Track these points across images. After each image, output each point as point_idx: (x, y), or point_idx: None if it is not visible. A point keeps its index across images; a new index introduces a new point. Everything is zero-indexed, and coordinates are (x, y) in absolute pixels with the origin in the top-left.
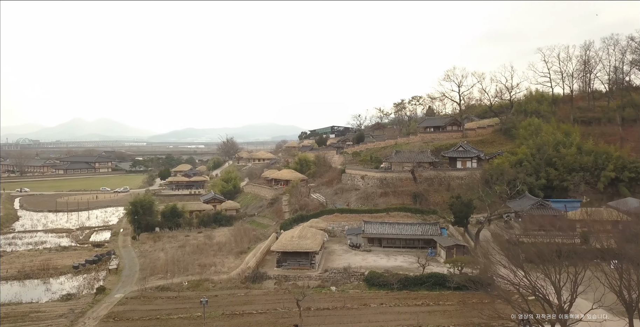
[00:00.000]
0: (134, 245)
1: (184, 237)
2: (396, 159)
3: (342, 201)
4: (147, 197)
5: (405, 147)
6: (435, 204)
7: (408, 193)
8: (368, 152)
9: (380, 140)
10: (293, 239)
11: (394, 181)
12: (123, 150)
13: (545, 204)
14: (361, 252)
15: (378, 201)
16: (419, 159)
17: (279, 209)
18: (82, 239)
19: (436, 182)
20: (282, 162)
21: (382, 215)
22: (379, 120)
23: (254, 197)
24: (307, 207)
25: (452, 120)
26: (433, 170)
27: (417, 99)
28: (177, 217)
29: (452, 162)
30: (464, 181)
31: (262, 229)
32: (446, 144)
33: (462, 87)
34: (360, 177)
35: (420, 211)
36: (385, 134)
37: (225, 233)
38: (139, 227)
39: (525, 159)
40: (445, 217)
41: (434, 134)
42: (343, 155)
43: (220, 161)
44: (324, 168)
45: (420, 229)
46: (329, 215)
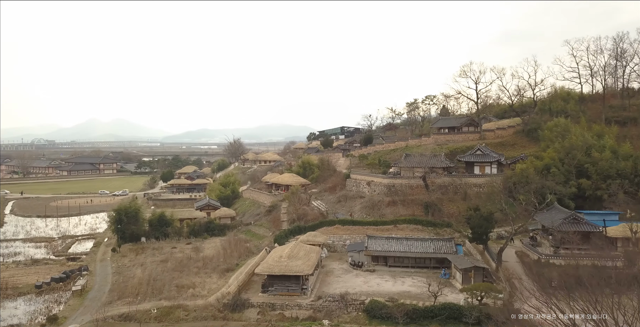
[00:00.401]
0: (114, 258)
1: (169, 249)
2: (406, 164)
3: (345, 210)
4: (132, 204)
5: (417, 149)
6: (450, 216)
7: (419, 202)
8: (376, 155)
9: (390, 141)
10: (281, 260)
11: (403, 188)
12: (135, 150)
13: (579, 218)
14: (363, 272)
15: (385, 211)
16: (431, 163)
17: (277, 218)
18: (60, 250)
19: (451, 190)
20: (285, 165)
21: (389, 228)
22: (390, 121)
23: (252, 203)
24: (306, 217)
25: (468, 120)
26: (447, 176)
27: (430, 99)
28: (166, 226)
29: (468, 168)
30: (482, 189)
31: (257, 241)
32: (462, 146)
33: (479, 84)
34: (366, 184)
35: (432, 224)
36: (396, 136)
37: (216, 245)
38: (123, 237)
39: (553, 165)
40: (462, 231)
41: (448, 136)
42: (349, 158)
43: (225, 163)
44: (327, 172)
45: (432, 246)
46: (329, 227)
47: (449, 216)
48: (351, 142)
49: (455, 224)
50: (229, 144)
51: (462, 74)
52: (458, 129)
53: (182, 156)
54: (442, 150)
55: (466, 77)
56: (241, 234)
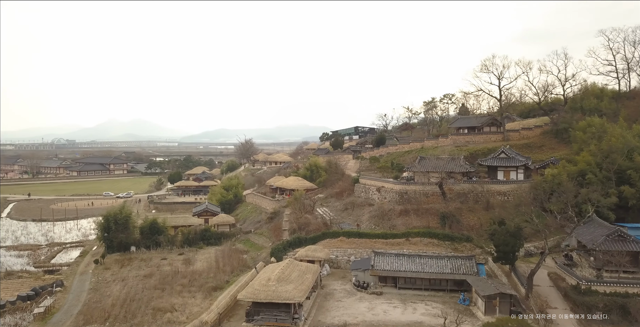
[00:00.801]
0: (96, 271)
1: (158, 261)
2: (420, 168)
3: (352, 219)
4: (122, 210)
5: (433, 152)
6: (470, 228)
7: (434, 212)
8: (389, 158)
9: (404, 142)
10: (269, 284)
11: (417, 195)
12: (151, 150)
13: (625, 235)
14: (369, 295)
15: (396, 222)
16: (449, 168)
17: (279, 226)
18: (43, 260)
19: (471, 199)
20: (292, 167)
21: (401, 241)
22: (407, 121)
23: (254, 209)
24: (308, 226)
25: (490, 119)
26: (467, 182)
27: (449, 97)
28: (158, 234)
29: (491, 173)
30: (507, 198)
31: (255, 252)
32: (483, 148)
33: (502, 79)
34: (376, 190)
35: (450, 238)
36: (412, 136)
37: (209, 256)
38: (111, 246)
39: (589, 170)
40: (484, 246)
41: (468, 136)
42: (359, 160)
43: (235, 164)
44: (335, 176)
45: (449, 265)
46: (332, 239)
47: (468, 229)
48: (363, 143)
49: (476, 239)
50: (240, 144)
51: (483, 69)
52: (479, 129)
53: (195, 156)
54: (461, 153)
55: (488, 72)
56: (239, 244)
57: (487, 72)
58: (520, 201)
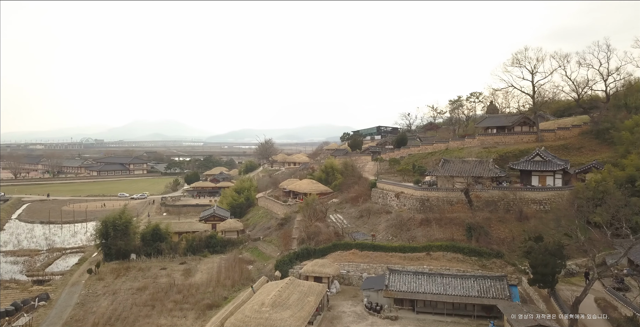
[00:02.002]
0: (88, 282)
1: (157, 272)
2: (444, 172)
3: (367, 228)
4: (123, 215)
5: (459, 153)
6: (501, 242)
7: (459, 223)
8: (410, 159)
9: (427, 143)
10: (263, 310)
11: (440, 203)
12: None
13: None
14: (382, 320)
15: (416, 233)
16: (476, 172)
17: (288, 234)
18: (37, 267)
19: (501, 208)
20: (308, 168)
21: (420, 256)
22: (431, 120)
23: (265, 213)
24: (318, 236)
25: (521, 118)
26: (497, 189)
27: (476, 96)
28: (160, 241)
29: (524, 178)
30: (544, 207)
31: (261, 262)
32: (514, 150)
33: (536, 74)
34: (395, 195)
35: (477, 253)
36: (437, 136)
37: (212, 266)
38: (109, 253)
39: (639, 176)
40: (517, 264)
41: (497, 137)
42: (378, 162)
43: (254, 164)
44: (351, 179)
45: (476, 286)
46: (343, 251)
47: (498, 242)
48: (383, 144)
49: (507, 254)
50: (259, 144)
51: (514, 63)
52: (509, 128)
53: (216, 156)
54: (490, 155)
55: (520, 67)
56: (246, 252)
57: (519, 66)
58: (560, 211)
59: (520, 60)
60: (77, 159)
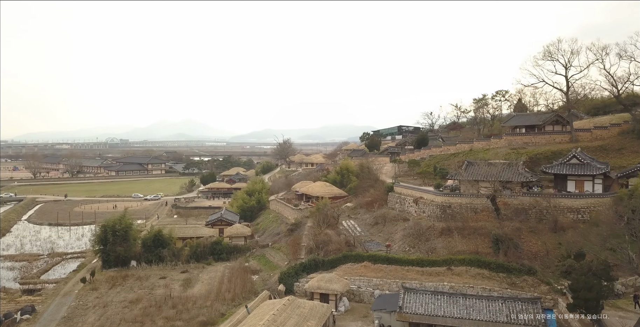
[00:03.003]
0: (81, 292)
1: (156, 281)
2: (467, 176)
3: (382, 237)
4: (123, 219)
5: (484, 155)
6: (533, 256)
7: (485, 233)
8: (431, 161)
9: (450, 143)
10: None
11: (463, 210)
12: (197, 150)
13: None
14: None
15: (435, 244)
16: (504, 176)
17: (297, 241)
18: (33, 274)
19: (533, 217)
20: (322, 170)
21: (441, 271)
22: (455, 119)
23: (276, 217)
24: (327, 245)
25: (553, 116)
26: (527, 195)
27: (501, 94)
28: (162, 247)
29: (559, 183)
30: (582, 216)
31: (268, 271)
32: (545, 151)
33: (570, 68)
34: (413, 201)
35: (505, 269)
36: (460, 136)
37: (215, 275)
38: (107, 260)
39: None
40: (552, 282)
41: (526, 137)
42: (396, 164)
43: (271, 165)
44: (367, 182)
45: (505, 310)
46: (354, 263)
47: (530, 257)
48: (402, 144)
49: (541, 271)
50: (277, 145)
51: (546, 56)
52: (540, 128)
53: (235, 156)
54: (520, 157)
55: (552, 60)
56: (253, 260)
57: (552, 59)
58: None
59: (552, 53)
60: (97, 158)
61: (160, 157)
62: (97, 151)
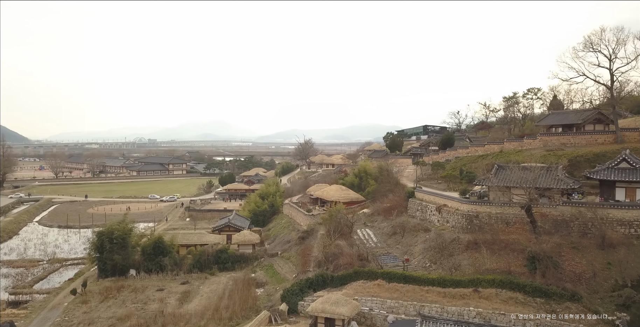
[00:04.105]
0: (71, 305)
1: (152, 293)
2: (498, 181)
3: (400, 249)
4: (121, 225)
5: (516, 157)
6: (577, 278)
7: (518, 249)
8: (457, 163)
9: (478, 144)
10: None
11: (493, 221)
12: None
13: None
14: None
15: (460, 260)
16: (541, 182)
17: (308, 251)
18: (27, 282)
19: (576, 230)
20: (339, 172)
21: (466, 293)
22: (483, 119)
23: (288, 223)
24: (338, 259)
25: (595, 114)
26: (569, 204)
27: (533, 92)
28: (162, 255)
29: (605, 190)
30: (636, 231)
31: (274, 284)
32: (586, 153)
33: (615, 60)
34: (436, 209)
35: (543, 293)
36: (489, 137)
37: (217, 287)
38: (104, 269)
39: None
40: (601, 311)
41: (563, 137)
42: (419, 166)
43: (290, 166)
44: (386, 186)
45: None
46: (367, 281)
47: (573, 279)
48: (426, 145)
49: (587, 297)
50: (298, 145)
51: (587, 46)
52: (579, 127)
53: (257, 156)
54: (560, 160)
55: (594, 51)
56: (260, 271)
57: (594, 50)
58: None
59: (594, 44)
60: (120, 158)
61: (182, 157)
62: (125, 151)
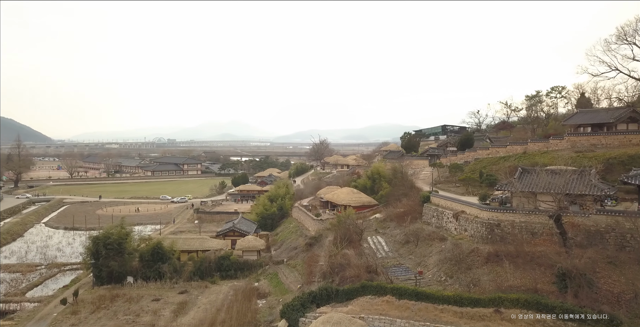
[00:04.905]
0: (60, 316)
1: (146, 303)
2: (522, 186)
3: (414, 260)
4: (116, 230)
5: (541, 159)
6: (615, 299)
7: (545, 263)
8: (477, 165)
9: (499, 145)
10: None
11: (517, 230)
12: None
13: None
14: None
15: (480, 274)
16: (572, 188)
17: (314, 259)
18: (21, 289)
19: (612, 243)
20: (352, 173)
21: (486, 314)
22: (504, 118)
23: (296, 228)
24: (344, 270)
25: (628, 112)
26: (603, 213)
27: (557, 90)
28: (161, 261)
29: None
30: None
31: (277, 296)
32: (620, 155)
33: None
34: (453, 216)
35: (576, 316)
36: (511, 137)
37: (217, 298)
38: (99, 276)
39: None
40: None
41: (593, 137)
42: (436, 168)
43: (305, 167)
44: (400, 189)
45: None
46: (375, 297)
47: (611, 300)
48: (444, 145)
49: (628, 323)
50: (313, 145)
51: (620, 39)
52: (609, 126)
53: (273, 156)
54: (593, 163)
55: (629, 43)
56: (264, 280)
57: (628, 43)
58: None
59: (628, 35)
60: (136, 158)
61: (197, 157)
62: (144, 151)
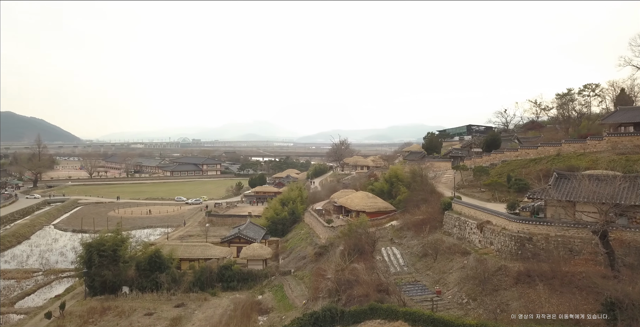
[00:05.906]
0: None
1: (138, 318)
2: (558, 194)
3: (432, 277)
4: (111, 236)
5: (577, 161)
6: None
7: (588, 287)
8: (504, 168)
9: (530, 146)
10: None
11: (552, 246)
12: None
13: None
14: None
15: (508, 297)
16: (621, 197)
17: (322, 272)
18: (11, 299)
19: None
20: (369, 176)
21: None
22: (533, 118)
23: (307, 234)
24: (352, 288)
25: None
26: None
27: (591, 88)
28: (159, 271)
29: None
30: None
31: (281, 312)
32: None
33: None
34: (477, 227)
35: None
36: (541, 137)
37: (215, 313)
38: (92, 286)
39: None
40: None
41: (638, 138)
42: (459, 171)
43: (324, 168)
44: (420, 194)
45: None
46: (385, 322)
47: None
48: (468, 146)
49: None
50: (333, 145)
51: None
52: None
53: (293, 157)
54: (638, 167)
55: None
56: (268, 292)
57: None
58: None
59: None
60: (157, 158)
61: (217, 158)
62: (168, 150)
